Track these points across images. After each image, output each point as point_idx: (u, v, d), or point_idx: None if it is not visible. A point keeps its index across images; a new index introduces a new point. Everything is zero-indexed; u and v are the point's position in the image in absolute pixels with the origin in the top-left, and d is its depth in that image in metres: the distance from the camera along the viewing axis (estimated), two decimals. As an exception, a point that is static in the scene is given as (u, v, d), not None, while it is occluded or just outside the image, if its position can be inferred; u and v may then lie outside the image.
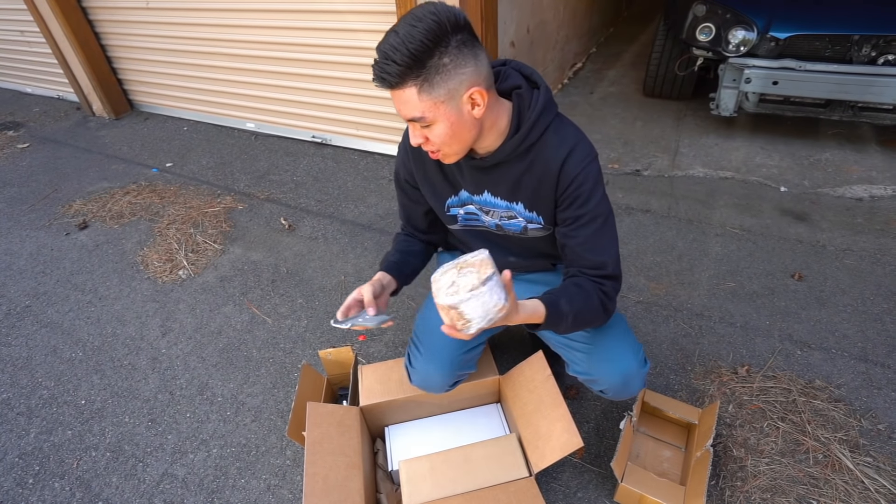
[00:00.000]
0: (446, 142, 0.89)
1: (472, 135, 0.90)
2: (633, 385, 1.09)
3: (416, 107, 0.83)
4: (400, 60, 0.77)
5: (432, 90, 0.81)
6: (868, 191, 2.26)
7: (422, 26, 0.76)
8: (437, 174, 1.09)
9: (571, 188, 0.95)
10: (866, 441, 1.33)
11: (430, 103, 0.82)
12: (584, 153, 0.94)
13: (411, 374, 1.22)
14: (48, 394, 1.67)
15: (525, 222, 1.05)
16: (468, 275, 0.76)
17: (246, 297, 1.99)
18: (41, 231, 2.52)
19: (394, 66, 0.78)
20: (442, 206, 1.13)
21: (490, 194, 1.04)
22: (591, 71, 3.85)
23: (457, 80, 0.81)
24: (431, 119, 0.85)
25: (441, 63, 0.79)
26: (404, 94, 0.82)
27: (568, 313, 0.94)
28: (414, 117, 0.85)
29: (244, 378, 1.66)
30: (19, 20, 3.77)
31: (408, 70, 0.78)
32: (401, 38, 0.76)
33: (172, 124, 3.59)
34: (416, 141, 0.91)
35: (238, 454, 1.44)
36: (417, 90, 0.81)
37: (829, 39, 2.28)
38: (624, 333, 1.12)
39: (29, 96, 4.41)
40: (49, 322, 1.96)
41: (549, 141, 0.95)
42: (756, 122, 2.89)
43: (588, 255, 1.00)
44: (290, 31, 2.69)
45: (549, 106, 0.95)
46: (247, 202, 2.60)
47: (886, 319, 1.65)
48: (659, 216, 2.21)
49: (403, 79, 0.79)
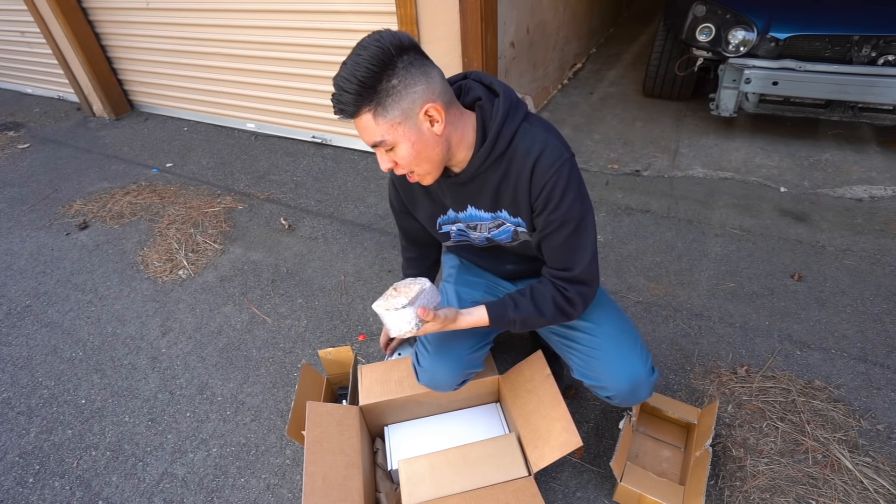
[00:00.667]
0: (414, 161, 0.90)
1: (439, 152, 0.91)
2: (642, 392, 1.09)
3: (374, 131, 0.85)
4: (351, 89, 0.80)
5: (386, 113, 0.83)
6: (868, 191, 2.27)
7: (366, 54, 0.79)
8: (424, 197, 1.11)
9: (543, 194, 0.93)
10: (865, 441, 1.33)
11: (386, 126, 0.84)
12: (554, 157, 0.92)
13: (419, 373, 1.22)
14: (48, 393, 1.68)
15: (514, 227, 1.05)
16: (396, 296, 0.97)
17: (246, 296, 1.99)
18: (41, 231, 2.53)
19: (347, 96, 0.81)
20: (434, 226, 1.15)
21: (473, 208, 1.05)
22: (590, 71, 3.85)
23: (409, 99, 0.83)
24: (392, 141, 0.86)
25: (391, 85, 0.81)
26: (362, 121, 0.84)
27: (514, 319, 1.05)
28: (376, 142, 0.87)
29: (244, 378, 1.66)
30: (20, 21, 3.78)
31: (359, 98, 0.81)
32: (349, 69, 0.79)
33: (173, 124, 3.60)
34: (385, 165, 0.93)
35: (238, 453, 1.45)
36: (373, 115, 0.83)
37: (829, 40, 2.28)
38: (633, 340, 1.12)
39: (29, 97, 4.42)
40: (49, 322, 1.96)
41: (518, 147, 0.94)
42: (756, 123, 2.89)
43: (558, 258, 1.01)
44: (291, 31, 2.70)
45: (512, 112, 0.93)
46: (247, 202, 2.60)
47: (886, 320, 1.65)
48: (658, 216, 2.21)
49: (358, 107, 0.82)
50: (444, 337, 1.18)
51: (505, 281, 1.30)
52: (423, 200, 1.12)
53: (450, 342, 1.18)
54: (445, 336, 1.18)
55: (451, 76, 0.98)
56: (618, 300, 1.81)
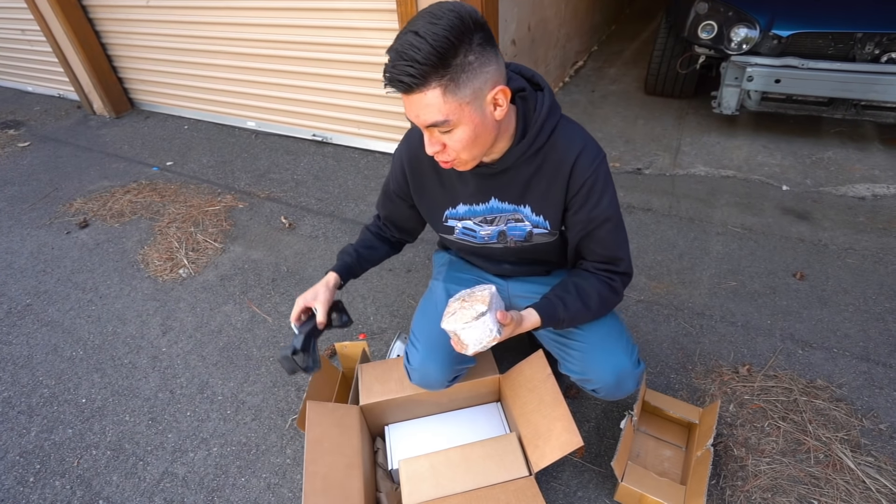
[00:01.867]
0: (466, 147, 0.84)
1: (492, 138, 0.87)
2: (627, 385, 1.08)
3: (439, 110, 0.77)
4: (423, 59, 0.71)
5: (458, 90, 0.76)
6: (871, 190, 2.25)
7: (443, 23, 0.71)
8: (436, 187, 1.07)
9: (583, 190, 0.94)
10: (868, 441, 1.32)
11: (454, 105, 0.77)
12: (594, 154, 0.94)
13: (410, 372, 1.22)
14: (49, 392, 1.68)
15: (531, 226, 1.04)
16: (469, 308, 0.91)
17: (246, 295, 1.99)
18: (42, 230, 2.53)
19: (415, 67, 0.72)
20: (440, 217, 1.12)
21: (497, 200, 1.03)
22: (592, 69, 3.84)
23: (482, 78, 0.77)
24: (455, 122, 0.79)
25: (467, 62, 0.74)
26: (426, 97, 0.76)
27: (564, 318, 1.02)
28: (436, 121, 0.79)
29: (244, 377, 1.66)
30: (20, 19, 3.77)
31: (432, 69, 0.73)
32: (421, 36, 0.71)
33: (173, 123, 3.59)
34: (432, 149, 0.85)
35: (238, 453, 1.44)
36: (442, 91, 0.75)
37: (832, 37, 2.27)
38: (619, 333, 1.12)
39: (30, 95, 4.42)
40: (50, 321, 1.96)
41: (557, 143, 0.94)
42: (758, 121, 2.88)
43: (604, 253, 1.02)
44: (291, 28, 2.69)
45: (554, 108, 0.94)
46: (247, 201, 2.60)
47: (888, 319, 1.65)
48: (660, 215, 2.21)
49: (426, 80, 0.74)
50: (433, 334, 1.17)
51: (497, 278, 1.29)
52: (435, 190, 1.07)
53: (438, 339, 1.17)
54: (434, 334, 1.17)
55: None
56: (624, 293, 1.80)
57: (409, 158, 1.07)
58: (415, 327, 1.25)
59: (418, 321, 1.25)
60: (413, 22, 0.74)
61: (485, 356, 1.36)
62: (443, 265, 1.34)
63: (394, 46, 0.74)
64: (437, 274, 1.34)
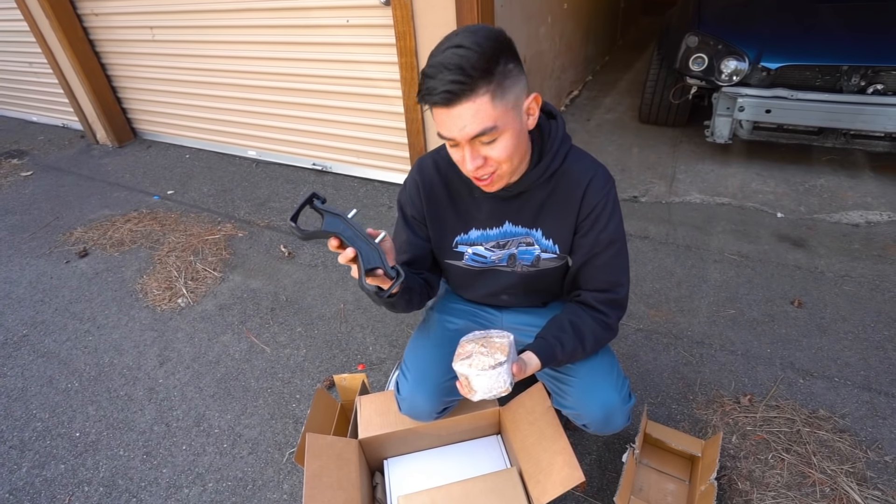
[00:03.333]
0: (510, 156, 0.85)
1: (527, 149, 0.91)
2: (616, 420, 1.07)
3: (488, 116, 0.78)
4: (473, 66, 0.73)
5: (504, 95, 0.78)
6: (864, 216, 2.28)
7: (483, 32, 0.76)
8: (449, 211, 1.07)
9: (593, 214, 0.97)
10: (873, 473, 1.31)
11: (502, 110, 0.79)
12: (605, 180, 0.98)
13: (400, 403, 1.20)
14: (42, 426, 1.65)
15: (539, 251, 1.06)
16: (488, 355, 0.88)
17: (245, 325, 1.98)
18: (41, 259, 2.53)
19: (465, 74, 0.74)
20: (450, 242, 1.11)
21: (511, 224, 1.05)
22: (587, 98, 3.93)
23: (520, 85, 0.81)
24: (502, 129, 0.80)
25: (508, 68, 0.77)
26: (474, 105, 0.76)
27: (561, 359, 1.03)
28: (485, 129, 0.79)
29: (242, 409, 1.64)
30: (28, 52, 3.86)
31: (481, 76, 0.75)
32: (466, 47, 0.74)
33: (175, 152, 3.64)
34: (474, 163, 0.84)
35: (234, 488, 1.42)
36: (491, 97, 0.76)
37: (819, 69, 2.33)
38: (609, 367, 1.11)
39: (34, 125, 4.48)
40: (46, 352, 1.95)
41: (570, 168, 0.98)
42: (751, 149, 2.93)
43: (603, 278, 1.04)
44: (292, 61, 2.76)
45: (566, 135, 0.98)
46: (247, 229, 2.61)
47: (888, 347, 1.65)
48: (657, 242, 2.22)
49: (475, 87, 0.75)
50: (423, 365, 1.17)
51: (492, 308, 1.29)
52: (448, 217, 1.07)
53: (427, 370, 1.16)
54: (424, 364, 1.17)
55: None
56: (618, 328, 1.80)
57: (424, 184, 1.07)
58: (406, 357, 1.24)
59: (410, 351, 1.24)
60: (449, 39, 0.77)
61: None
62: (438, 295, 1.34)
63: (436, 61, 0.76)
64: (430, 304, 1.34)
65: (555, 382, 1.15)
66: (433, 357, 1.18)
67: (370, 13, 2.36)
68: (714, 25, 2.59)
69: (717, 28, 2.57)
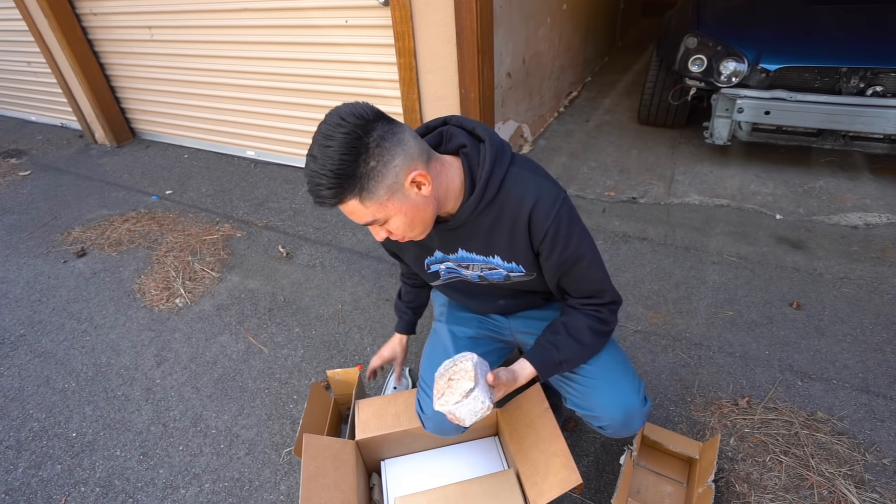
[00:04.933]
0: (407, 229, 0.89)
1: (430, 212, 0.89)
2: (635, 423, 1.07)
3: (364, 214, 0.83)
4: (329, 184, 0.77)
5: (372, 195, 0.80)
6: (863, 218, 2.28)
7: (335, 144, 0.75)
8: (410, 243, 1.09)
9: (548, 238, 0.93)
10: (871, 476, 1.30)
11: (375, 207, 0.82)
12: (550, 201, 0.91)
13: (424, 421, 1.18)
14: (39, 426, 1.65)
15: (506, 272, 1.04)
16: (456, 386, 0.92)
17: (242, 325, 1.98)
18: (39, 259, 2.52)
19: (325, 191, 0.77)
20: (422, 267, 1.12)
21: (465, 251, 1.03)
22: (586, 99, 3.93)
23: (391, 175, 0.80)
24: (384, 217, 0.85)
25: (369, 168, 0.78)
26: (349, 207, 0.82)
27: (560, 361, 1.01)
28: (367, 222, 0.85)
29: (239, 409, 1.64)
30: (27, 52, 3.86)
31: (340, 189, 0.78)
32: (319, 163, 0.76)
33: (173, 152, 3.63)
34: (381, 237, 0.91)
35: (231, 489, 1.41)
36: (359, 200, 0.80)
37: (818, 71, 2.33)
38: (625, 369, 1.10)
39: (33, 124, 4.48)
40: (43, 352, 1.94)
41: (511, 192, 0.93)
42: (750, 151, 2.93)
43: (583, 289, 1.02)
44: (291, 62, 2.75)
45: (499, 158, 0.92)
46: (245, 230, 2.61)
47: (886, 349, 1.64)
48: (656, 244, 2.22)
49: (341, 197, 0.79)
50: None
51: (498, 315, 1.28)
52: (410, 245, 1.10)
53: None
54: None
55: (430, 120, 0.98)
56: (617, 329, 1.80)
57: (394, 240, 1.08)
58: (423, 374, 1.23)
59: (426, 367, 1.23)
60: (312, 143, 0.78)
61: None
62: (443, 305, 1.34)
63: (305, 170, 0.80)
64: (439, 315, 1.34)
65: (569, 382, 1.13)
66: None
67: (369, 14, 2.36)
68: (713, 27, 2.59)
69: (716, 29, 2.56)
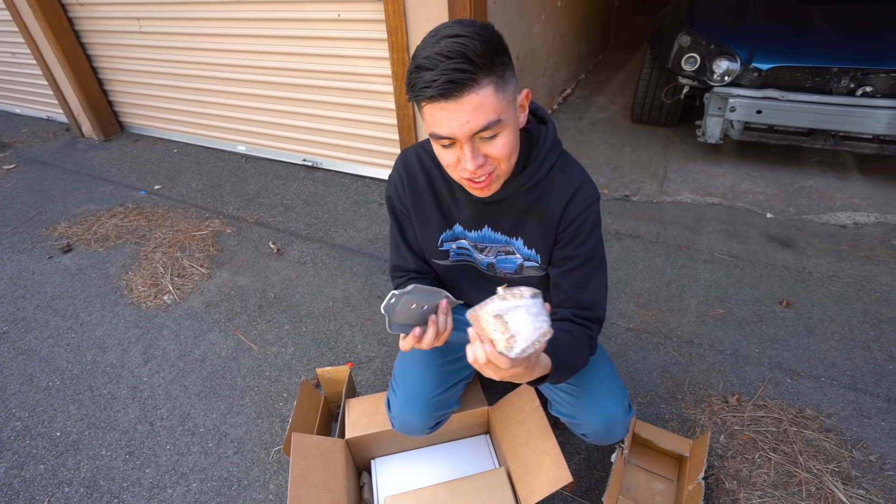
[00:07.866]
0: (510, 153, 0.80)
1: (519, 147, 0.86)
2: (616, 432, 1.06)
3: (493, 108, 0.73)
4: (478, 53, 0.68)
5: (506, 87, 0.74)
6: (851, 218, 2.30)
7: (479, 25, 0.71)
8: (433, 207, 1.02)
9: (572, 227, 0.93)
10: (858, 473, 1.32)
11: (505, 102, 0.74)
12: (588, 195, 0.93)
13: (392, 420, 1.18)
14: (21, 425, 1.61)
15: (522, 260, 1.02)
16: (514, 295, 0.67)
17: (232, 323, 1.96)
18: (23, 254, 2.48)
19: (470, 63, 0.69)
20: (435, 241, 1.06)
21: (490, 229, 1.00)
22: (580, 97, 3.92)
23: (514, 79, 0.76)
24: (504, 123, 0.76)
25: (503, 60, 0.73)
26: (478, 97, 0.71)
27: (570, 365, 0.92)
28: (490, 122, 0.74)
29: (227, 408, 1.62)
30: (10, 42, 3.77)
31: (486, 65, 0.70)
32: (467, 36, 0.69)
33: (162, 146, 3.58)
34: (476, 162, 0.78)
35: (219, 489, 1.39)
36: (494, 88, 0.72)
37: (810, 71, 2.35)
38: (610, 378, 1.10)
39: (18, 117, 4.39)
40: (27, 349, 1.91)
41: (556, 179, 0.93)
42: (741, 149, 2.94)
43: (581, 295, 0.98)
44: (283, 56, 2.72)
45: (556, 143, 0.93)
46: (235, 226, 2.58)
47: (874, 347, 1.66)
48: (648, 242, 2.23)
49: (480, 77, 0.70)
50: (412, 381, 1.15)
51: None
52: (430, 210, 1.03)
53: (417, 385, 1.15)
54: (412, 380, 1.15)
55: None
56: (608, 327, 1.80)
57: (409, 179, 1.02)
58: (396, 373, 1.21)
59: (399, 367, 1.21)
60: (441, 31, 0.71)
61: (474, 388, 1.34)
62: None
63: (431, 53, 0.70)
64: None
65: (554, 390, 1.13)
66: (423, 372, 1.16)
67: (362, 7, 2.33)
68: (707, 26, 2.60)
69: (709, 28, 2.57)
